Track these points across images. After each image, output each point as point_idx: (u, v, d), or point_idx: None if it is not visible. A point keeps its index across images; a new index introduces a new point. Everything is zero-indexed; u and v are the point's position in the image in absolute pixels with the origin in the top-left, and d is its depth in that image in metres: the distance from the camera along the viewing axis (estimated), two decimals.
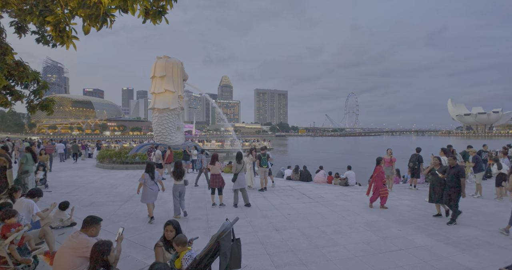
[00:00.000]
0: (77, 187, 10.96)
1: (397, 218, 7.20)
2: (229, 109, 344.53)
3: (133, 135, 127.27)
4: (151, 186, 6.89)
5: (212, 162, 8.46)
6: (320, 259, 4.84)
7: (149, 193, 6.84)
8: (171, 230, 3.76)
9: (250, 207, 8.17)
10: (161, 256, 3.67)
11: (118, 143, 37.35)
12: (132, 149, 19.63)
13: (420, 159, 10.67)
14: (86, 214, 6.02)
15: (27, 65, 4.86)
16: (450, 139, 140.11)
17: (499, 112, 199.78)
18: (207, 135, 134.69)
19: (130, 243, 5.35)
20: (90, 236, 3.40)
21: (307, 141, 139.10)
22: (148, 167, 7.05)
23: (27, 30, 4.60)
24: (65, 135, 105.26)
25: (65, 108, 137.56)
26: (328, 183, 12.85)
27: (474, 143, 14.58)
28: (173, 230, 3.77)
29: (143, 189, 6.89)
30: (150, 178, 6.91)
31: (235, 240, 3.30)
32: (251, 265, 4.58)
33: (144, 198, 6.86)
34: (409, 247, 5.34)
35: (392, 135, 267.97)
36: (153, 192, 6.92)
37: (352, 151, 64.78)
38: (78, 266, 3.18)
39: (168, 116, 19.63)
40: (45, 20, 2.95)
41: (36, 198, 5.43)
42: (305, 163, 19.49)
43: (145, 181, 6.86)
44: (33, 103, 5.15)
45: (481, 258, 4.81)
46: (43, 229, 4.64)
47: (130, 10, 3.02)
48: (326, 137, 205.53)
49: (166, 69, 19.43)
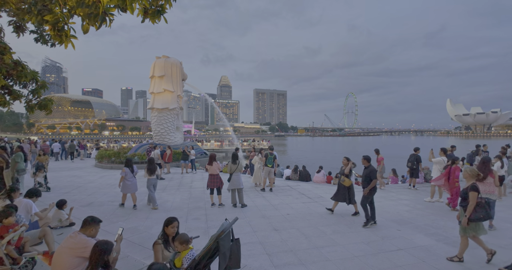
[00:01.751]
0: (76, 187, 10.93)
1: (396, 218, 7.20)
2: (228, 109, 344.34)
3: (132, 134, 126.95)
4: (130, 178, 7.94)
5: (209, 162, 8.45)
6: (319, 259, 4.84)
7: (127, 184, 7.91)
8: (176, 226, 3.87)
9: (247, 207, 8.16)
10: (160, 254, 3.67)
11: (117, 142, 37.30)
12: (131, 149, 19.60)
13: (418, 159, 10.68)
14: (85, 214, 6.02)
15: (25, 64, 4.85)
16: (449, 139, 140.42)
17: (498, 113, 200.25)
18: (206, 135, 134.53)
19: (129, 243, 5.33)
20: (88, 236, 3.39)
21: (306, 140, 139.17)
22: (127, 162, 8.14)
23: (26, 30, 4.57)
24: (64, 135, 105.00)
25: (64, 108, 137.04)
26: (327, 182, 12.85)
27: (473, 143, 14.60)
28: (177, 226, 3.88)
29: (123, 181, 7.88)
30: (130, 172, 7.96)
31: (235, 240, 3.29)
32: (250, 265, 4.57)
33: (124, 188, 7.93)
34: (408, 247, 5.34)
35: (391, 134, 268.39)
36: (132, 184, 7.98)
37: (352, 151, 64.82)
38: (76, 266, 3.17)
39: (167, 116, 19.61)
40: (44, 19, 2.94)
41: (34, 198, 5.41)
42: (304, 163, 19.50)
43: (125, 174, 7.86)
44: (32, 103, 5.14)
45: (480, 258, 4.80)
46: (43, 229, 4.63)
47: (129, 9, 3.01)
48: (325, 137, 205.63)
49: (165, 69, 19.40)
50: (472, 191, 4.50)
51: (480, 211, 4.40)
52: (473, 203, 4.43)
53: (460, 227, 4.62)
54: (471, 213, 4.43)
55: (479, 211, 4.40)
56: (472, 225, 4.48)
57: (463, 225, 4.51)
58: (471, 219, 4.42)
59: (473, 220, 4.41)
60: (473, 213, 4.43)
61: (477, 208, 4.42)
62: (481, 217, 4.39)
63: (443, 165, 8.60)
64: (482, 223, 4.50)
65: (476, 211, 4.43)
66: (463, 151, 21.94)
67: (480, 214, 4.39)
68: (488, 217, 4.44)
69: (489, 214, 4.46)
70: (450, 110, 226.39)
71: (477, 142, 16.17)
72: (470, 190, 4.54)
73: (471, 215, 4.44)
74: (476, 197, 4.45)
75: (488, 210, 4.42)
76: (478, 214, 4.38)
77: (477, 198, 4.46)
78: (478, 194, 4.47)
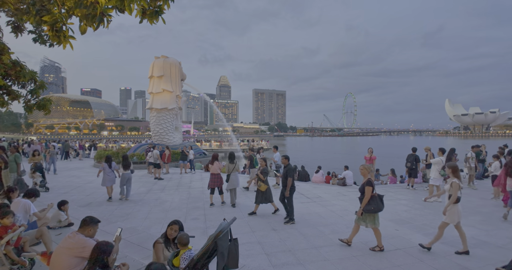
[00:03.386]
0: (75, 187, 10.92)
1: (395, 217, 7.22)
2: (228, 109, 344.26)
3: (131, 134, 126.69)
4: (109, 173, 8.83)
5: (211, 161, 8.55)
6: (317, 258, 4.85)
7: (106, 178, 8.83)
8: (176, 230, 3.88)
9: (246, 207, 8.16)
10: (161, 253, 3.68)
11: (116, 143, 37.25)
12: (130, 149, 19.58)
13: (417, 159, 10.71)
14: (84, 214, 6.01)
15: (24, 64, 4.85)
16: (447, 139, 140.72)
17: (496, 113, 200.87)
18: (206, 135, 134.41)
19: (127, 243, 5.33)
20: (87, 237, 3.39)
21: (305, 141, 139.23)
22: (107, 158, 8.95)
23: (24, 30, 4.58)
24: (62, 135, 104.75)
25: (63, 108, 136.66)
26: (326, 182, 12.87)
27: (471, 143, 14.65)
28: (177, 230, 3.89)
29: (102, 175, 8.84)
30: (108, 167, 8.81)
31: (233, 240, 3.30)
32: (248, 265, 4.58)
33: (104, 182, 8.88)
34: (406, 246, 5.36)
35: (390, 135, 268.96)
36: (110, 178, 8.88)
37: (351, 151, 64.90)
38: (74, 266, 3.17)
39: (166, 116, 19.59)
40: (42, 20, 2.94)
41: (33, 198, 5.41)
42: (303, 163, 19.53)
43: (104, 169, 8.80)
44: (30, 103, 5.14)
45: (478, 258, 4.83)
46: (40, 230, 4.62)
47: (127, 10, 3.01)
48: (324, 137, 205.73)
49: (164, 69, 19.39)
50: (367, 186, 5.04)
51: (372, 203, 4.95)
52: (367, 197, 4.99)
53: (356, 217, 5.23)
54: (365, 205, 5.01)
55: (371, 204, 4.97)
56: (364, 216, 5.07)
57: (358, 215, 5.15)
58: (364, 210, 5.01)
59: (365, 211, 5.00)
60: (366, 205, 5.01)
61: (371, 200, 4.97)
62: (371, 209, 4.96)
63: (442, 165, 8.62)
64: (374, 215, 5.04)
65: (369, 204, 4.99)
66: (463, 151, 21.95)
67: (371, 206, 4.95)
68: (378, 209, 4.97)
69: (380, 207, 4.98)
70: (448, 111, 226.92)
71: (475, 142, 16.22)
72: (366, 185, 5.08)
73: (364, 207, 5.03)
74: (371, 191, 4.98)
75: (379, 204, 4.97)
76: (370, 206, 4.96)
77: (371, 192, 4.98)
78: (373, 189, 5.00)
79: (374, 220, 5.07)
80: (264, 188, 7.35)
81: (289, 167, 6.79)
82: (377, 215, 5.10)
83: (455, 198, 4.79)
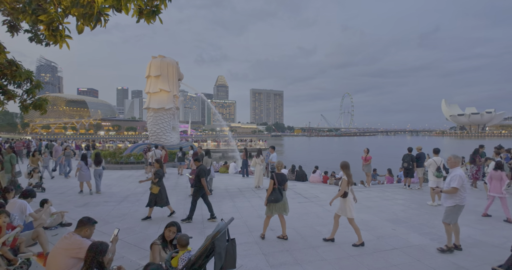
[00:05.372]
0: (71, 188, 10.85)
1: (392, 217, 7.25)
2: (225, 109, 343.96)
3: (128, 134, 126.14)
4: (85, 170, 9.75)
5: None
6: (315, 258, 4.86)
7: (83, 174, 9.75)
8: (174, 232, 3.88)
9: (244, 207, 8.15)
10: (157, 254, 3.67)
11: (113, 143, 37.07)
12: (127, 149, 19.49)
13: (413, 159, 10.75)
14: (81, 214, 5.97)
15: (20, 64, 4.80)
16: (444, 139, 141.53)
17: (492, 113, 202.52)
18: (203, 135, 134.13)
19: (124, 244, 5.31)
20: (83, 237, 3.37)
21: (302, 140, 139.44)
22: (83, 156, 9.86)
23: (20, 29, 4.53)
24: (59, 135, 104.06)
25: (59, 107, 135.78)
26: (323, 182, 12.90)
27: (469, 143, 14.75)
28: (175, 231, 3.89)
29: (79, 172, 9.69)
30: (84, 164, 9.72)
31: (230, 240, 3.30)
32: (246, 265, 4.58)
33: (80, 177, 9.76)
34: (403, 246, 5.39)
35: (386, 134, 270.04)
36: (86, 174, 9.80)
37: (348, 150, 65.06)
38: (71, 267, 3.15)
39: (163, 116, 19.53)
40: (38, 19, 2.92)
41: (29, 198, 5.37)
42: (301, 162, 19.55)
43: (81, 166, 9.66)
44: (26, 103, 5.09)
45: (474, 257, 4.86)
46: (36, 230, 4.59)
47: (124, 9, 2.99)
48: (322, 137, 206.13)
49: (161, 68, 19.33)
50: (271, 180, 5.72)
51: (273, 194, 5.61)
52: (270, 189, 5.66)
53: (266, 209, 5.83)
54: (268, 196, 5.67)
55: (272, 195, 5.61)
56: (268, 206, 5.73)
57: (265, 205, 5.79)
58: (268, 200, 5.65)
59: (268, 201, 5.65)
60: (269, 196, 5.65)
61: (273, 192, 5.62)
62: (272, 199, 5.60)
63: (435, 166, 8.66)
64: (272, 204, 5.66)
65: (271, 194, 5.63)
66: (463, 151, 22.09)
67: (272, 197, 5.60)
68: (277, 200, 5.59)
69: (278, 198, 5.59)
70: (445, 111, 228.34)
71: (471, 142, 16.33)
72: (271, 179, 5.74)
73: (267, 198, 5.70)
74: (273, 184, 5.64)
75: (278, 195, 5.61)
76: (271, 197, 5.60)
77: (273, 185, 5.64)
78: (274, 183, 5.63)
79: (267, 209, 5.76)
80: (156, 190, 7.08)
81: (200, 168, 6.96)
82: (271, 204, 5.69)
83: (342, 192, 5.41)
